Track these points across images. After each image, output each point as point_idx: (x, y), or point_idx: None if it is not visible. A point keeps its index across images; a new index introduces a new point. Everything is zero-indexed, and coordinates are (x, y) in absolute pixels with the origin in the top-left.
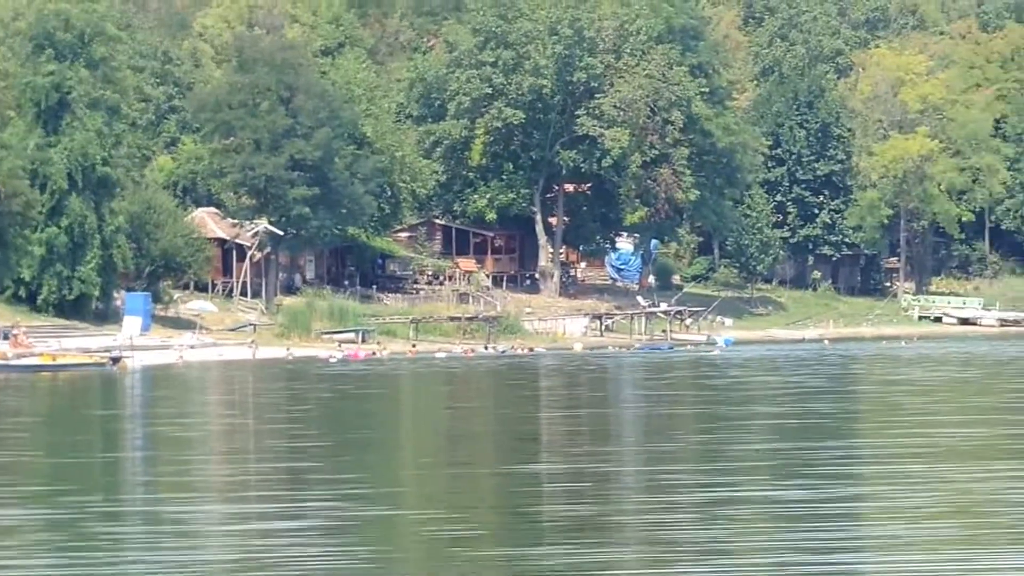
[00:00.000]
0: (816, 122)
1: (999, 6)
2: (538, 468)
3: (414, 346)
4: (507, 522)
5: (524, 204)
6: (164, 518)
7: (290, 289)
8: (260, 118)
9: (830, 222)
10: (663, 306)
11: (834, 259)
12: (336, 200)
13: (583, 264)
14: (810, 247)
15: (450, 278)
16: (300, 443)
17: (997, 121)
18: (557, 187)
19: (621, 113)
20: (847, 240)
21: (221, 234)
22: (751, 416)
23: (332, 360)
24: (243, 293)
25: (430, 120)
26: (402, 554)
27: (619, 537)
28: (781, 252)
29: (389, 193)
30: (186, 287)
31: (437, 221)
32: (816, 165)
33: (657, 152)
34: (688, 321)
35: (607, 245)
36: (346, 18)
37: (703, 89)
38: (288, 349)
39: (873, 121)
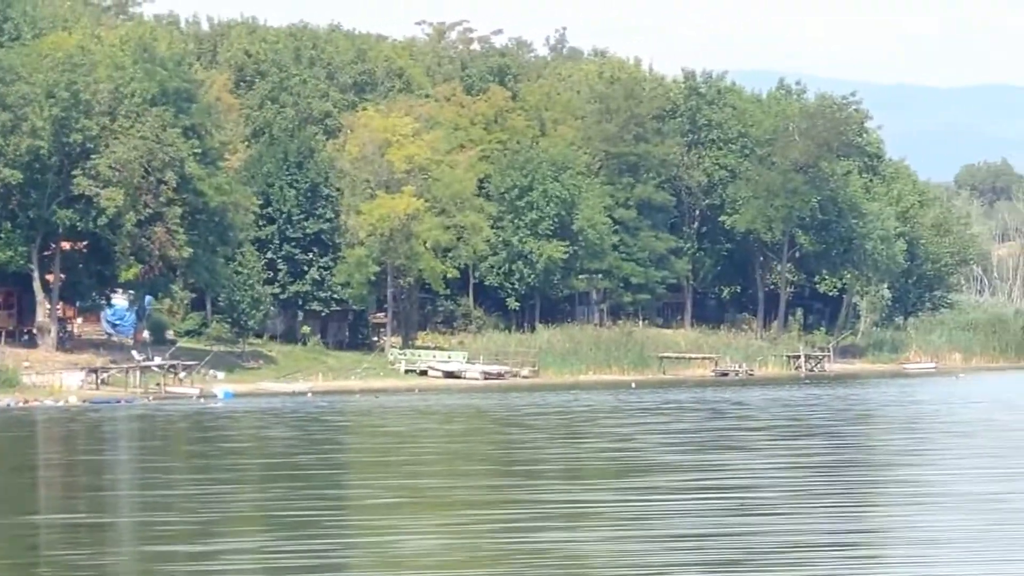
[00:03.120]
0: (306, 182)
1: (482, 69)
2: (35, 519)
3: None
4: (5, 572)
5: (22, 261)
6: None
7: None
8: None
9: (319, 279)
10: (157, 360)
11: (323, 314)
12: None
13: (80, 319)
14: (300, 303)
15: None
16: None
17: (481, 181)
18: (54, 245)
19: (116, 173)
20: (336, 296)
21: None
22: (247, 468)
23: None
24: None
25: None
26: None
27: None
28: (272, 307)
29: None
30: None
31: None
32: (306, 223)
33: (151, 211)
34: (182, 375)
35: (103, 301)
36: None
37: (196, 150)
38: None
39: (361, 181)
